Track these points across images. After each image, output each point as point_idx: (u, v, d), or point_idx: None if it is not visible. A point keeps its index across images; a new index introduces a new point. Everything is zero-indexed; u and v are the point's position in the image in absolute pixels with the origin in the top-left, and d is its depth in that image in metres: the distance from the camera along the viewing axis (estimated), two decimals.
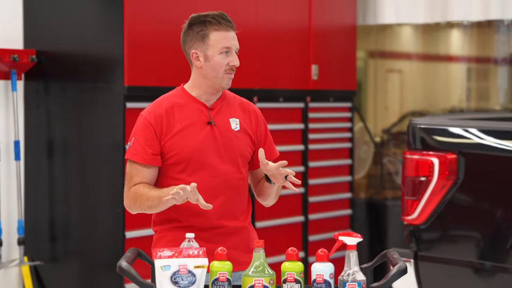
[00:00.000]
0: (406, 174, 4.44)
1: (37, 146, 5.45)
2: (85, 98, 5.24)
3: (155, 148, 3.10)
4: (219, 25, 3.12)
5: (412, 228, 4.45)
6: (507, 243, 4.12)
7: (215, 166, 3.12)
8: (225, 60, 3.11)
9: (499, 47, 6.96)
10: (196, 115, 3.14)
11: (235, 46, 3.14)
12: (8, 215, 5.37)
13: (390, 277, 2.58)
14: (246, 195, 3.23)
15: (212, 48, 3.11)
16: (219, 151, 3.13)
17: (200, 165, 3.11)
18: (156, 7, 5.15)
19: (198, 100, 3.17)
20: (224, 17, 3.14)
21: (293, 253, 2.64)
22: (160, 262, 2.55)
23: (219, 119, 3.16)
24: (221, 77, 3.12)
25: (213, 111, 3.17)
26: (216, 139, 3.14)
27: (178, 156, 3.10)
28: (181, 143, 3.10)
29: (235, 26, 3.17)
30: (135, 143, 3.13)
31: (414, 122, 4.51)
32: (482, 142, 4.30)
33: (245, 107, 3.26)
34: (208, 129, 3.14)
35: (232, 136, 3.16)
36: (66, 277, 5.35)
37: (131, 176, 3.12)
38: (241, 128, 3.19)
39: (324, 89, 6.38)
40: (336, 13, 6.59)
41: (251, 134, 3.22)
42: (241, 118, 3.21)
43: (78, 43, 5.27)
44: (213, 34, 3.11)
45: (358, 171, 7.13)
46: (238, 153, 3.17)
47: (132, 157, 3.12)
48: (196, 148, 3.10)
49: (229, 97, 3.25)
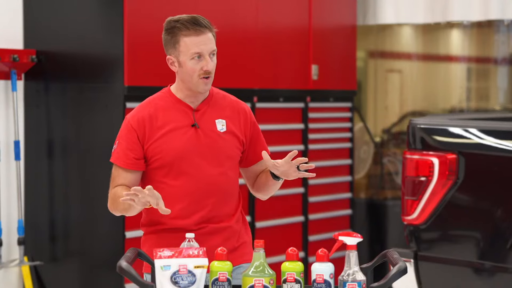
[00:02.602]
0: (406, 174, 4.44)
1: (37, 146, 5.45)
2: (85, 98, 5.24)
3: (137, 153, 3.10)
4: (187, 30, 3.06)
5: (412, 228, 4.45)
6: (507, 243, 4.12)
7: (200, 169, 3.09)
8: (198, 66, 3.06)
9: (499, 47, 6.96)
10: (180, 118, 3.12)
11: (208, 50, 3.06)
12: (8, 215, 5.37)
13: (390, 277, 2.58)
14: (234, 197, 3.20)
15: (183, 54, 3.07)
16: (203, 154, 3.10)
17: (183, 169, 3.08)
18: (156, 7, 5.15)
19: (183, 102, 3.14)
20: (195, 21, 3.07)
21: (293, 253, 2.64)
22: (160, 262, 2.55)
23: (204, 121, 3.13)
24: (195, 82, 3.08)
25: (198, 112, 3.14)
26: (200, 141, 3.11)
27: (162, 160, 3.09)
28: (164, 147, 3.08)
29: (211, 27, 3.10)
30: (118, 146, 3.14)
31: (414, 122, 4.51)
32: (482, 142, 4.29)
33: (234, 106, 3.22)
34: (192, 132, 3.11)
35: (217, 137, 3.13)
36: (66, 277, 5.35)
37: (113, 178, 3.15)
38: (227, 129, 3.15)
39: (324, 89, 6.38)
40: (336, 13, 6.59)
41: (239, 135, 3.18)
42: (228, 118, 3.17)
43: (78, 43, 5.27)
44: (183, 40, 3.07)
45: (358, 171, 7.13)
46: (224, 155, 3.14)
47: (114, 161, 3.15)
48: (179, 152, 3.08)
49: (217, 97, 3.21)
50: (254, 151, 3.24)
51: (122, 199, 2.87)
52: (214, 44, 3.09)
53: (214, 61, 3.10)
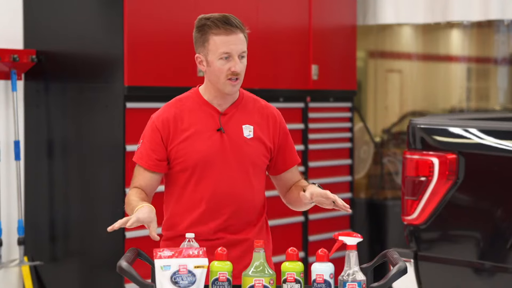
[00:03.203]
0: (406, 174, 4.44)
1: (37, 146, 5.45)
2: (85, 98, 5.24)
3: (159, 154, 3.03)
4: (217, 29, 2.98)
5: (412, 228, 4.45)
6: (507, 243, 4.12)
7: (222, 175, 3.01)
8: (225, 66, 2.97)
9: (499, 47, 6.96)
10: (205, 121, 3.04)
11: (237, 51, 2.98)
12: (8, 215, 5.37)
13: (390, 277, 2.58)
14: (256, 207, 3.10)
15: (211, 53, 2.98)
16: (227, 160, 3.02)
17: (205, 174, 3.01)
18: (156, 7, 5.15)
19: (210, 104, 3.06)
20: (226, 20, 2.99)
21: (293, 253, 2.64)
22: (160, 262, 2.55)
23: (230, 125, 3.05)
24: (222, 83, 2.99)
25: (225, 117, 3.05)
26: (224, 147, 3.02)
27: (184, 163, 3.02)
28: (188, 150, 3.01)
29: (243, 28, 3.01)
30: (142, 146, 3.07)
31: (414, 122, 4.51)
32: (482, 142, 4.29)
33: (264, 112, 3.12)
34: (217, 136, 3.03)
35: (243, 144, 3.04)
36: (66, 277, 5.35)
37: (134, 177, 3.09)
38: (254, 135, 3.06)
39: (324, 89, 6.38)
40: (336, 13, 6.59)
41: (266, 142, 3.09)
42: (256, 124, 3.08)
43: (78, 43, 5.27)
44: (212, 39, 2.98)
45: (358, 171, 7.13)
46: (249, 162, 3.04)
47: (137, 160, 3.08)
48: (202, 156, 3.00)
49: (247, 101, 3.12)
50: (283, 158, 3.15)
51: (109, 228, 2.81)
52: (244, 45, 3.01)
53: (243, 63, 3.01)
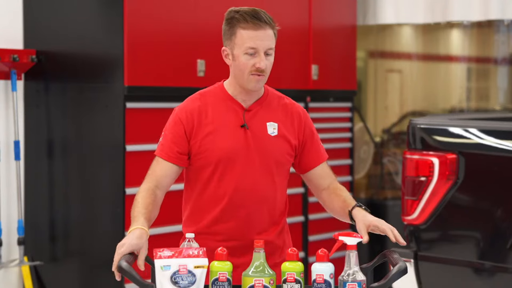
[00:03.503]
0: (406, 174, 4.44)
1: (37, 146, 5.45)
2: (85, 98, 5.24)
3: (181, 147, 2.96)
4: (246, 23, 2.90)
5: (412, 228, 4.45)
6: (507, 243, 4.12)
7: (244, 173, 2.95)
8: (250, 62, 2.91)
9: (499, 47, 6.96)
10: (229, 117, 2.97)
11: (264, 47, 2.91)
12: (8, 215, 5.37)
13: (390, 277, 2.58)
14: (278, 206, 3.04)
15: (237, 47, 2.92)
16: (250, 157, 2.95)
17: (227, 171, 2.94)
18: (156, 7, 5.15)
19: (234, 99, 3.00)
20: (255, 14, 2.90)
21: (293, 253, 2.64)
22: (160, 262, 2.55)
23: (254, 122, 2.99)
24: (246, 79, 2.93)
25: (249, 113, 2.99)
26: (248, 144, 2.96)
27: (206, 159, 2.95)
28: (210, 146, 2.94)
29: (272, 24, 2.95)
30: (164, 139, 2.98)
31: (414, 122, 4.51)
32: (482, 142, 4.29)
33: (288, 109, 3.07)
34: (241, 133, 2.96)
35: (267, 141, 2.98)
36: (66, 277, 5.35)
37: (152, 169, 2.97)
38: (279, 133, 3.00)
39: (324, 89, 6.38)
40: (336, 13, 6.58)
41: (291, 139, 3.03)
42: (281, 122, 3.02)
43: (78, 43, 5.27)
44: (239, 32, 2.91)
45: (358, 171, 7.13)
46: (273, 160, 2.98)
47: (158, 153, 2.98)
48: (225, 152, 2.94)
49: (271, 98, 3.07)
50: (308, 156, 3.09)
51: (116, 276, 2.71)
52: (272, 42, 2.95)
53: (269, 60, 2.95)
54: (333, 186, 3.12)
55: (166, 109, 5.16)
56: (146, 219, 2.81)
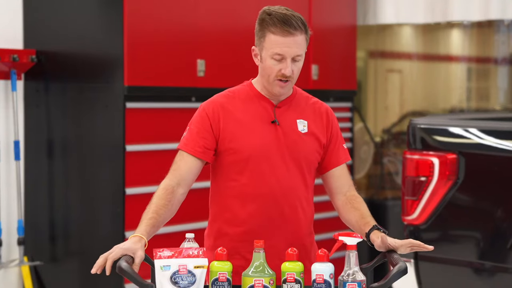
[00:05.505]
0: (406, 174, 4.44)
1: (37, 146, 5.45)
2: (85, 98, 5.24)
3: (207, 142, 2.88)
4: (275, 28, 2.84)
5: (412, 228, 4.44)
6: (507, 243, 4.12)
7: (276, 170, 2.89)
8: (276, 67, 2.86)
9: (499, 47, 6.96)
10: (259, 112, 2.92)
11: (291, 54, 2.85)
12: (8, 215, 5.37)
13: (390, 277, 2.57)
14: (308, 205, 3.00)
15: (265, 50, 2.87)
16: (281, 154, 2.90)
17: (259, 168, 2.88)
18: (156, 7, 5.15)
19: (263, 96, 2.95)
20: (286, 20, 2.84)
21: (293, 253, 2.64)
22: (160, 262, 2.55)
23: (284, 118, 2.93)
24: (271, 83, 2.89)
25: (279, 109, 2.94)
26: (279, 140, 2.90)
27: (236, 155, 2.88)
28: (240, 142, 2.88)
29: (303, 29, 2.88)
30: (188, 133, 2.91)
31: (414, 122, 4.51)
32: (482, 142, 4.29)
33: (316, 107, 3.03)
34: (272, 129, 2.91)
35: (297, 138, 2.93)
36: (66, 277, 5.35)
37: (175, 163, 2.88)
38: (309, 130, 2.96)
39: (324, 89, 6.38)
40: (336, 13, 6.58)
41: (321, 137, 2.98)
42: (310, 120, 2.98)
43: (78, 43, 5.27)
44: (268, 36, 2.86)
45: (358, 171, 7.13)
46: (303, 158, 2.93)
47: (182, 147, 2.89)
48: (256, 148, 2.88)
49: (300, 96, 3.03)
50: (329, 156, 3.02)
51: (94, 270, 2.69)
52: (301, 48, 2.89)
53: (297, 66, 2.90)
54: (350, 194, 3.04)
55: (166, 109, 5.16)
56: (149, 226, 2.77)
